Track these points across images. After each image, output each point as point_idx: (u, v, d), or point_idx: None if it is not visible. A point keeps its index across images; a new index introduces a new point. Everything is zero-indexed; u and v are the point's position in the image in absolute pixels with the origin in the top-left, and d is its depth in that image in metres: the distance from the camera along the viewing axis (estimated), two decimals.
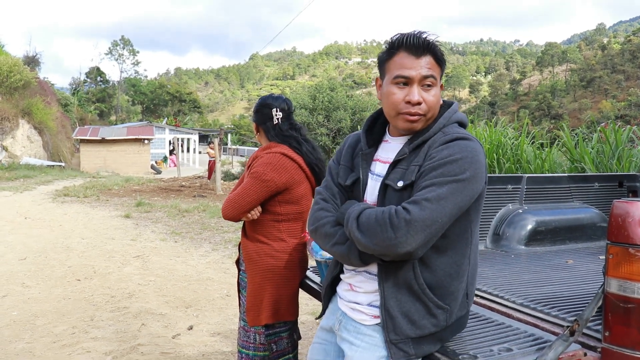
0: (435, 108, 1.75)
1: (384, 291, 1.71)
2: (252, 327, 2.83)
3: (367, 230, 1.61)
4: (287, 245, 2.82)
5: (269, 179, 2.72)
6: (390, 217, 1.58)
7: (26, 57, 44.44)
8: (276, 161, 2.77)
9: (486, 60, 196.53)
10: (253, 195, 2.72)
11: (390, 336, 1.70)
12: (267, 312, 2.77)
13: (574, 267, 2.95)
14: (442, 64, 1.76)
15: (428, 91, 1.72)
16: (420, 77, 1.71)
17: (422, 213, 1.56)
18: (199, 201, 14.31)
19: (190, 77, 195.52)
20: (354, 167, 1.90)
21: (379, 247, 1.59)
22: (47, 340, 4.50)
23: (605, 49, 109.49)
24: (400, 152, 1.76)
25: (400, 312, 1.69)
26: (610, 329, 1.68)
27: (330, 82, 19.53)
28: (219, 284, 6.36)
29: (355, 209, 1.70)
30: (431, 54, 1.73)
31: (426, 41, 1.72)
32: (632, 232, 1.63)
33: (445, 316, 1.71)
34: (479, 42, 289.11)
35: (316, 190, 1.96)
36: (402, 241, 1.55)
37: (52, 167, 27.27)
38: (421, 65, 1.71)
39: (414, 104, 1.71)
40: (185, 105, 76.70)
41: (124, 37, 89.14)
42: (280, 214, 2.81)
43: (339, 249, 1.74)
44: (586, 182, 3.88)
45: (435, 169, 1.62)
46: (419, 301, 1.69)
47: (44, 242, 8.71)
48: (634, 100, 65.28)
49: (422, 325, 1.69)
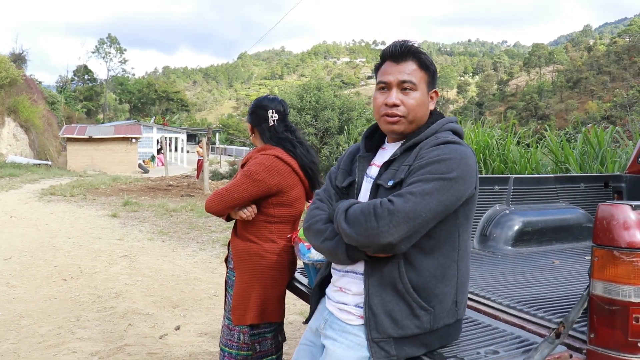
0: (415, 110, 1.82)
1: (369, 289, 1.74)
2: (236, 326, 2.83)
3: (353, 221, 1.66)
4: (277, 247, 2.82)
5: (260, 179, 2.72)
6: (374, 207, 1.63)
7: (12, 55, 44.07)
8: (269, 163, 2.77)
9: (474, 61, 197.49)
10: (242, 192, 2.72)
11: (372, 334, 1.71)
12: (254, 312, 2.77)
13: (560, 268, 2.97)
14: (427, 69, 1.83)
15: (407, 94, 1.81)
16: (397, 81, 1.81)
17: (406, 205, 1.60)
18: (187, 200, 14.26)
19: (178, 75, 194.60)
20: (351, 171, 1.98)
21: (362, 237, 1.63)
22: (32, 341, 4.46)
23: (591, 51, 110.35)
24: (393, 154, 1.82)
25: (383, 311, 1.71)
26: (596, 331, 1.69)
27: (318, 82, 19.50)
28: (207, 284, 6.34)
29: (345, 203, 1.75)
30: (414, 60, 1.82)
31: (405, 48, 1.82)
32: (617, 235, 1.65)
33: (429, 318, 1.72)
34: (467, 42, 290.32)
35: (315, 192, 2.03)
36: (384, 231, 1.59)
37: (39, 166, 27.05)
38: (400, 70, 1.81)
39: (390, 106, 1.81)
40: (173, 104, 76.33)
41: (111, 35, 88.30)
42: (273, 215, 2.82)
43: (328, 244, 1.78)
44: (572, 182, 3.91)
45: (423, 167, 1.67)
46: (402, 301, 1.71)
47: (30, 242, 8.63)
48: (619, 101, 65.84)
49: (405, 325, 1.70)
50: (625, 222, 1.66)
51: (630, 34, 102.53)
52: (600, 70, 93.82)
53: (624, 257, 1.63)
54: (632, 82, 75.57)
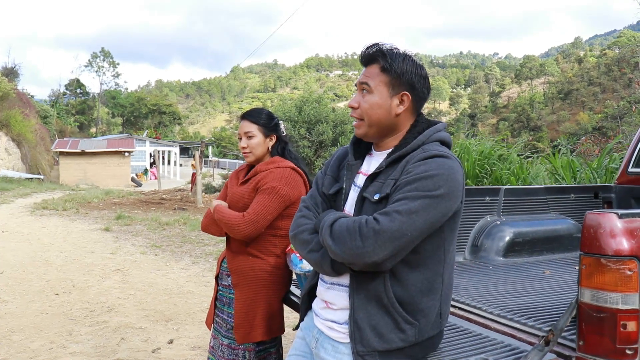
0: (369, 114, 1.78)
1: (354, 302, 1.72)
2: (241, 344, 2.75)
3: (338, 238, 1.63)
4: (280, 261, 2.79)
5: (285, 193, 2.71)
6: (360, 226, 1.60)
7: (4, 69, 44.12)
8: (288, 175, 2.76)
9: (466, 73, 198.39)
10: (272, 212, 2.69)
11: (357, 347, 1.70)
12: (262, 328, 2.72)
13: (550, 277, 2.99)
14: (387, 71, 1.76)
15: (364, 97, 1.80)
16: (358, 83, 1.82)
17: (392, 224, 1.57)
18: (180, 214, 14.23)
19: (171, 89, 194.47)
20: (339, 178, 1.93)
21: (347, 255, 1.61)
22: (24, 356, 4.43)
23: (582, 62, 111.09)
24: (378, 166, 1.78)
25: (368, 325, 1.69)
26: (584, 338, 1.71)
27: (318, 96, 19.72)
28: (200, 297, 6.32)
29: (331, 217, 1.72)
30: (376, 63, 1.79)
31: (367, 50, 1.80)
32: (604, 243, 1.67)
33: (414, 332, 1.70)
34: (459, 54, 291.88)
35: (301, 199, 1.98)
36: (369, 251, 1.57)
37: (31, 180, 26.94)
38: (363, 73, 1.81)
39: (350, 108, 1.82)
40: (165, 117, 76.31)
41: (104, 49, 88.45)
42: (281, 228, 2.77)
43: (313, 256, 1.76)
44: (562, 193, 3.94)
45: (410, 183, 1.63)
46: (387, 315, 1.68)
47: (22, 256, 8.58)
48: (610, 112, 66.29)
49: (390, 339, 1.68)
50: (612, 230, 1.68)
51: (619, 45, 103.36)
52: (591, 82, 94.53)
53: (611, 265, 1.65)
54: (622, 93, 76.03)
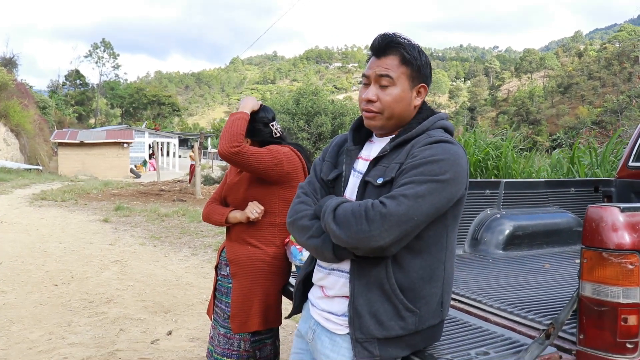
0: (392, 107, 1.75)
1: (354, 289, 1.69)
2: (236, 334, 2.76)
3: (343, 222, 1.60)
4: (279, 251, 2.79)
5: (280, 158, 2.71)
6: (366, 209, 1.57)
7: (3, 59, 43.97)
8: (286, 151, 2.77)
9: (466, 66, 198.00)
10: (260, 160, 2.67)
11: (356, 334, 1.68)
12: (257, 318, 2.72)
13: (550, 271, 2.99)
14: (409, 64, 1.75)
15: (384, 90, 1.75)
16: (375, 76, 1.76)
17: (399, 208, 1.55)
18: (179, 205, 14.22)
19: (170, 80, 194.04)
20: (338, 163, 1.91)
21: (353, 239, 1.58)
22: (22, 347, 4.43)
23: (582, 56, 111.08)
24: (382, 150, 1.76)
25: (368, 311, 1.67)
26: (585, 332, 1.71)
27: (315, 87, 19.69)
28: (199, 289, 6.32)
29: (333, 201, 1.69)
30: (395, 54, 1.75)
31: (385, 41, 1.75)
32: (606, 237, 1.67)
33: (414, 320, 1.68)
34: (459, 47, 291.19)
35: (299, 185, 1.95)
36: (376, 234, 1.54)
37: (29, 171, 26.90)
38: (379, 65, 1.75)
39: (367, 101, 1.77)
40: (164, 108, 76.15)
41: (105, 40, 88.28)
42: (277, 214, 2.77)
43: (314, 241, 1.73)
44: (562, 187, 3.94)
45: (416, 167, 1.61)
46: (388, 302, 1.66)
47: (21, 247, 8.58)
48: (610, 106, 66.31)
49: (389, 326, 1.66)
50: (613, 224, 1.67)
51: (620, 40, 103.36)
52: (591, 76, 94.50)
53: (613, 259, 1.65)
54: (622, 87, 76.05)
